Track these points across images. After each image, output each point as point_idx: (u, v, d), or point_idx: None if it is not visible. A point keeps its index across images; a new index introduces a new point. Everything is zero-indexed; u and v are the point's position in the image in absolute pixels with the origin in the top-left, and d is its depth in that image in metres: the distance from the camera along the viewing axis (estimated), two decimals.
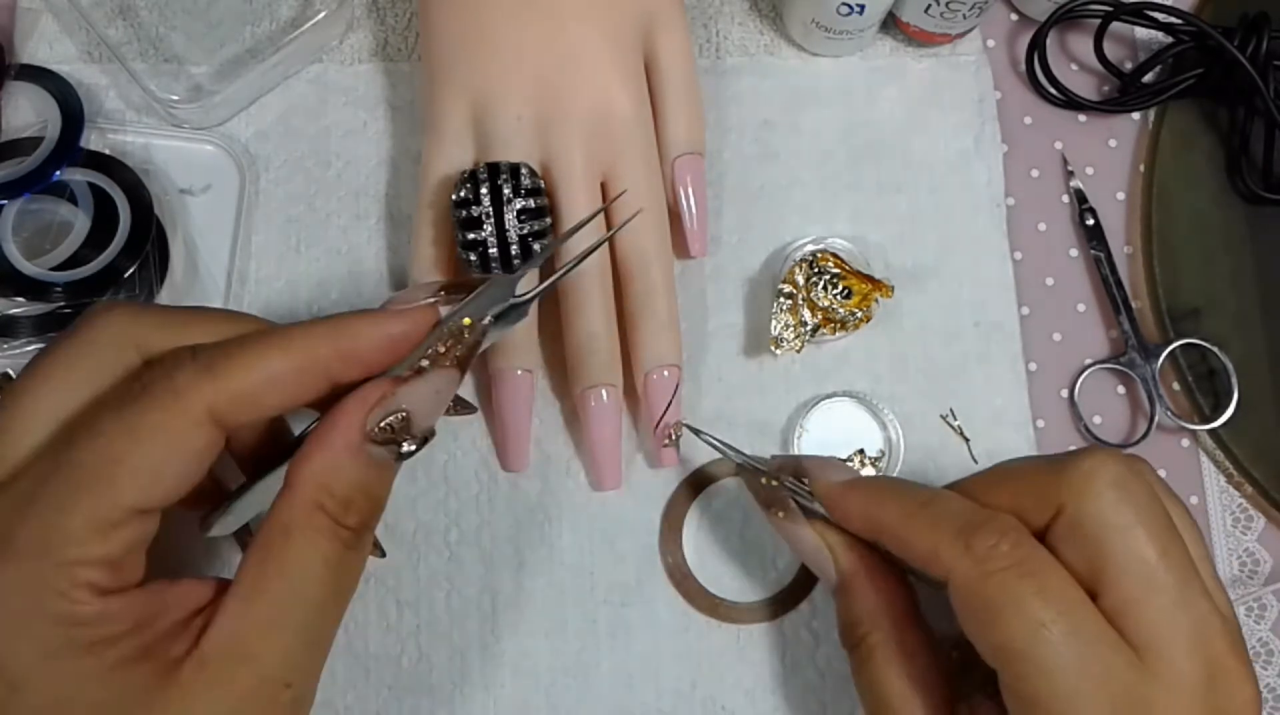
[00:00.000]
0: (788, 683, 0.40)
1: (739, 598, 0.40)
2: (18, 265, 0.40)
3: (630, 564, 0.40)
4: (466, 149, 0.37)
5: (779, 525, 0.32)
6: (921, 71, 0.46)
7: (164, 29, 0.44)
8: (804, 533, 0.31)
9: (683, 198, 0.39)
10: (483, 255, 0.34)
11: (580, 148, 0.36)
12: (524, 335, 0.37)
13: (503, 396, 0.37)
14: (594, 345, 0.37)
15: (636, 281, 0.37)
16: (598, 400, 0.37)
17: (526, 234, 0.35)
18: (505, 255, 0.34)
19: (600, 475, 0.38)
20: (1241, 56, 0.42)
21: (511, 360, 0.37)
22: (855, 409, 0.42)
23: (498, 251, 0.34)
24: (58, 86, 0.42)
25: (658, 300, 0.37)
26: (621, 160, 0.37)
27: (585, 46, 0.36)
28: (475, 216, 0.34)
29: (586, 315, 0.37)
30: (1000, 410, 0.43)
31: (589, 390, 0.37)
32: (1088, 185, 0.45)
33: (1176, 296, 0.44)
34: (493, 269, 0.35)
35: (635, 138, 0.37)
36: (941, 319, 0.43)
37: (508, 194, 0.34)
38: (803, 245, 0.42)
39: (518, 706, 0.39)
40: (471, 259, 0.35)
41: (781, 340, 0.41)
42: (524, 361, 0.37)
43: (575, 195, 0.36)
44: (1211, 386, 0.43)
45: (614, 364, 0.37)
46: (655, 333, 0.37)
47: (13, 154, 0.41)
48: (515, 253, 0.35)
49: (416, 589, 0.40)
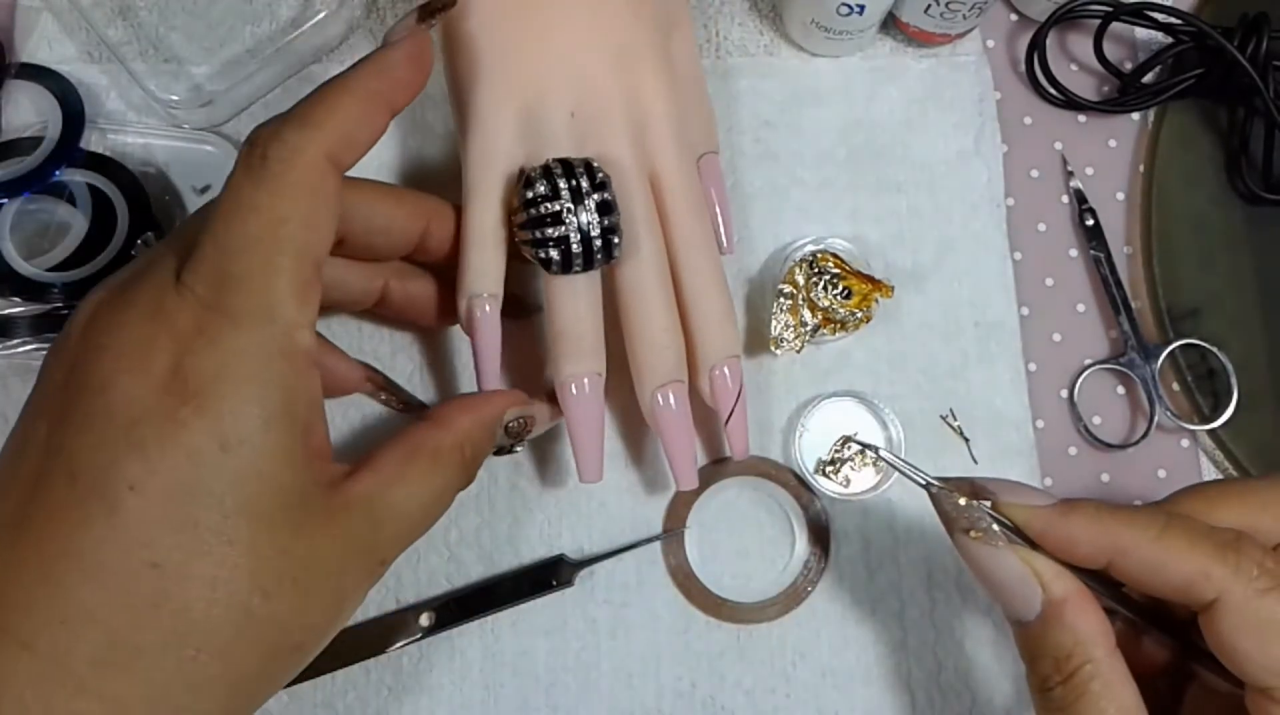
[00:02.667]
0: (788, 683, 0.40)
1: (740, 598, 0.40)
2: (15, 265, 0.40)
3: (630, 564, 0.40)
4: (517, 146, 0.36)
5: (971, 550, 0.29)
6: (921, 71, 0.46)
7: (164, 29, 0.44)
8: (1006, 557, 0.29)
9: (711, 198, 0.39)
10: (565, 252, 0.34)
11: (629, 146, 0.36)
12: (593, 338, 0.36)
13: (571, 405, 0.36)
14: (665, 341, 0.36)
15: (690, 277, 0.37)
16: (666, 399, 0.36)
17: (605, 229, 0.34)
18: (588, 251, 0.34)
19: (679, 474, 0.37)
20: (1241, 57, 0.42)
21: (580, 366, 0.36)
22: (856, 408, 0.42)
23: (580, 247, 0.34)
24: (59, 86, 0.42)
25: (713, 294, 0.37)
26: (665, 158, 0.37)
27: (633, 46, 0.37)
28: (555, 212, 0.33)
29: (652, 313, 0.36)
30: (1000, 410, 0.43)
31: (660, 389, 0.36)
32: (1087, 185, 0.45)
33: (1176, 296, 0.44)
34: (574, 266, 0.34)
35: (676, 136, 0.37)
36: (941, 319, 0.43)
37: (586, 188, 0.34)
38: (802, 245, 0.42)
39: (518, 706, 0.39)
40: (552, 257, 0.34)
41: (781, 340, 0.41)
42: (594, 365, 0.36)
43: (632, 192, 0.36)
44: (1211, 386, 0.43)
45: (683, 361, 0.37)
46: (715, 327, 0.37)
47: (12, 153, 0.41)
48: (598, 247, 0.34)
49: (417, 589, 0.40)
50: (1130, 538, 0.28)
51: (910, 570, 0.41)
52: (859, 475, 0.41)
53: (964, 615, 0.40)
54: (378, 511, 0.29)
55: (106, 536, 0.24)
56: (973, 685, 0.40)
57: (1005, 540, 0.29)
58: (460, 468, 0.32)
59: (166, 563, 0.24)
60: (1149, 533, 0.28)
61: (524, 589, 0.40)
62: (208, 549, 0.25)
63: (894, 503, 0.41)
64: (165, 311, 0.26)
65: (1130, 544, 0.28)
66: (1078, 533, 0.28)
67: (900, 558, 0.41)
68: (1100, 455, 0.43)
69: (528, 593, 0.40)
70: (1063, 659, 0.28)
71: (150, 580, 0.24)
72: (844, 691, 0.40)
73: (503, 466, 0.41)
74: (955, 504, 0.30)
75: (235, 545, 0.25)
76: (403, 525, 0.30)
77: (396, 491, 0.29)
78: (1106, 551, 0.28)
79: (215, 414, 0.25)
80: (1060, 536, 0.29)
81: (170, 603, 0.24)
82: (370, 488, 0.29)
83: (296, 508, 0.26)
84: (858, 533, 0.41)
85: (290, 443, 0.26)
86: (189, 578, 0.25)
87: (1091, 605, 0.29)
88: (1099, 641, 0.28)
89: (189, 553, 0.25)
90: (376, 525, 0.29)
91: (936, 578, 0.41)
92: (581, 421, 0.36)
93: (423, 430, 0.31)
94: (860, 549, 0.41)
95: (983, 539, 0.29)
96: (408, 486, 0.30)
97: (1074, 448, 0.43)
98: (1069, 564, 0.29)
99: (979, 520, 0.29)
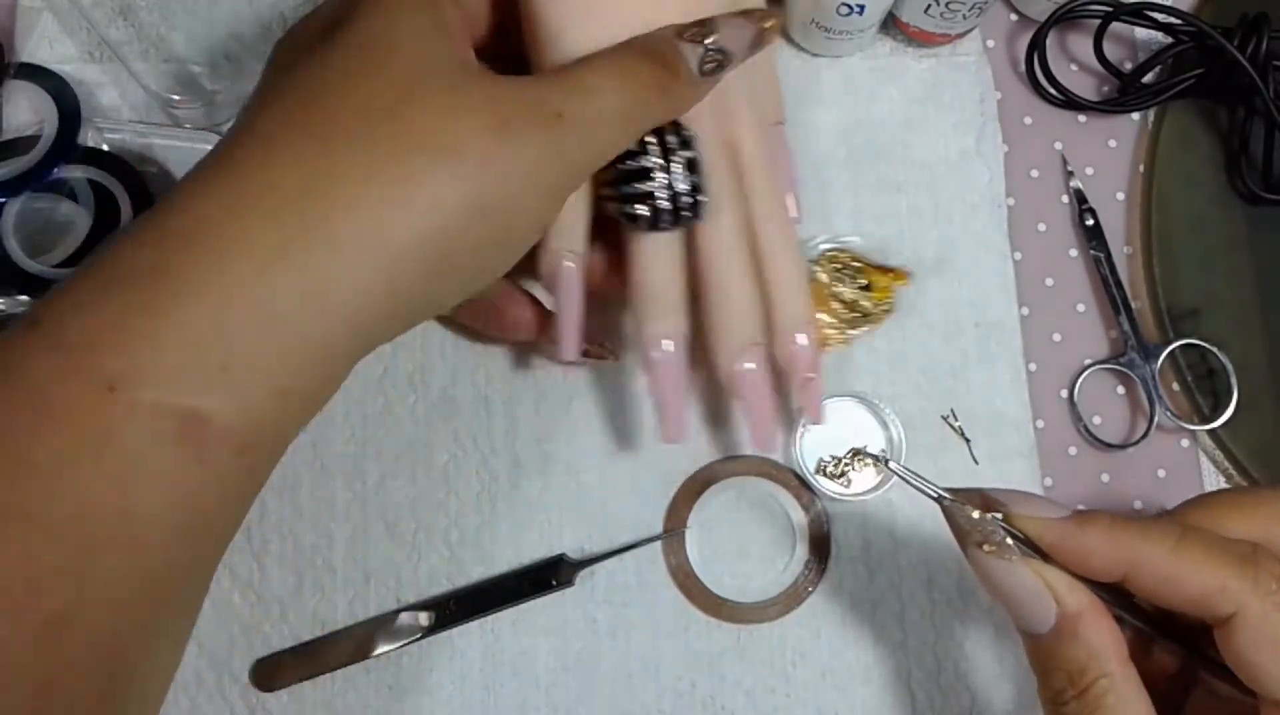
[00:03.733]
0: (788, 683, 0.40)
1: (740, 598, 0.40)
2: (19, 263, 0.40)
3: (631, 564, 0.40)
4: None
5: (984, 564, 0.29)
6: (922, 71, 0.46)
7: (165, 28, 0.44)
8: (1020, 571, 0.28)
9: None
10: (653, 209, 0.33)
11: (708, 112, 0.35)
12: (677, 298, 0.36)
13: (656, 364, 0.36)
14: (746, 305, 0.36)
15: (768, 243, 0.36)
16: (748, 362, 0.36)
17: (693, 187, 0.33)
18: (676, 206, 0.33)
19: (759, 436, 0.37)
20: (1241, 57, 0.42)
21: (665, 325, 0.35)
22: (857, 408, 0.42)
23: (670, 203, 0.33)
24: (54, 84, 0.42)
25: (788, 262, 0.36)
26: (740, 125, 0.36)
27: (705, 12, 0.35)
28: (644, 168, 0.33)
29: (734, 276, 0.36)
30: (1000, 410, 0.43)
31: (742, 352, 0.36)
32: (1087, 185, 0.45)
33: (1176, 296, 0.44)
34: (662, 223, 0.34)
35: (752, 104, 0.36)
36: (941, 319, 0.43)
37: (673, 144, 0.33)
38: (816, 245, 0.43)
39: (518, 706, 0.39)
40: (640, 213, 0.33)
41: (827, 338, 0.41)
42: (680, 325, 0.36)
43: (714, 157, 0.35)
44: (1211, 386, 0.43)
45: (762, 325, 0.36)
46: (792, 294, 0.36)
47: (13, 152, 0.41)
48: (685, 205, 0.33)
49: (417, 589, 0.40)
50: (1146, 550, 0.27)
51: (910, 571, 0.41)
52: (860, 476, 0.41)
53: (964, 616, 0.41)
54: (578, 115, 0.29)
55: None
56: (973, 685, 0.40)
57: (1019, 554, 0.28)
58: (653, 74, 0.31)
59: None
60: (1165, 545, 0.27)
61: (524, 589, 0.40)
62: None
63: (894, 504, 0.41)
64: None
65: (1146, 556, 0.27)
66: (1093, 545, 0.28)
67: (900, 559, 0.41)
68: (1100, 455, 0.43)
69: (528, 593, 0.40)
70: (1077, 673, 0.28)
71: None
72: (844, 691, 0.40)
73: (503, 466, 0.41)
74: (968, 517, 0.29)
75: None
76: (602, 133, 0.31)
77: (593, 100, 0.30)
78: (1122, 564, 0.28)
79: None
80: (1075, 549, 0.28)
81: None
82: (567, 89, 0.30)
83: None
84: (858, 533, 0.41)
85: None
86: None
87: (1105, 618, 0.28)
88: (1113, 655, 0.28)
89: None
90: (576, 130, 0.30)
91: (937, 579, 0.41)
92: (666, 380, 0.36)
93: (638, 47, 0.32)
94: (860, 550, 0.41)
95: (996, 553, 0.29)
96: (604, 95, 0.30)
97: (1074, 448, 0.43)
98: (1082, 577, 0.28)
99: (992, 533, 0.29)
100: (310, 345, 0.26)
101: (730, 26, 0.33)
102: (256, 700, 0.39)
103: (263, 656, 0.39)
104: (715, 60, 0.32)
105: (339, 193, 0.26)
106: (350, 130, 0.26)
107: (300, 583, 0.40)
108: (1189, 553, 0.27)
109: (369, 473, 0.41)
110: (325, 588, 0.40)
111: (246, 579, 0.40)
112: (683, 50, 0.32)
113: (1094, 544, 0.28)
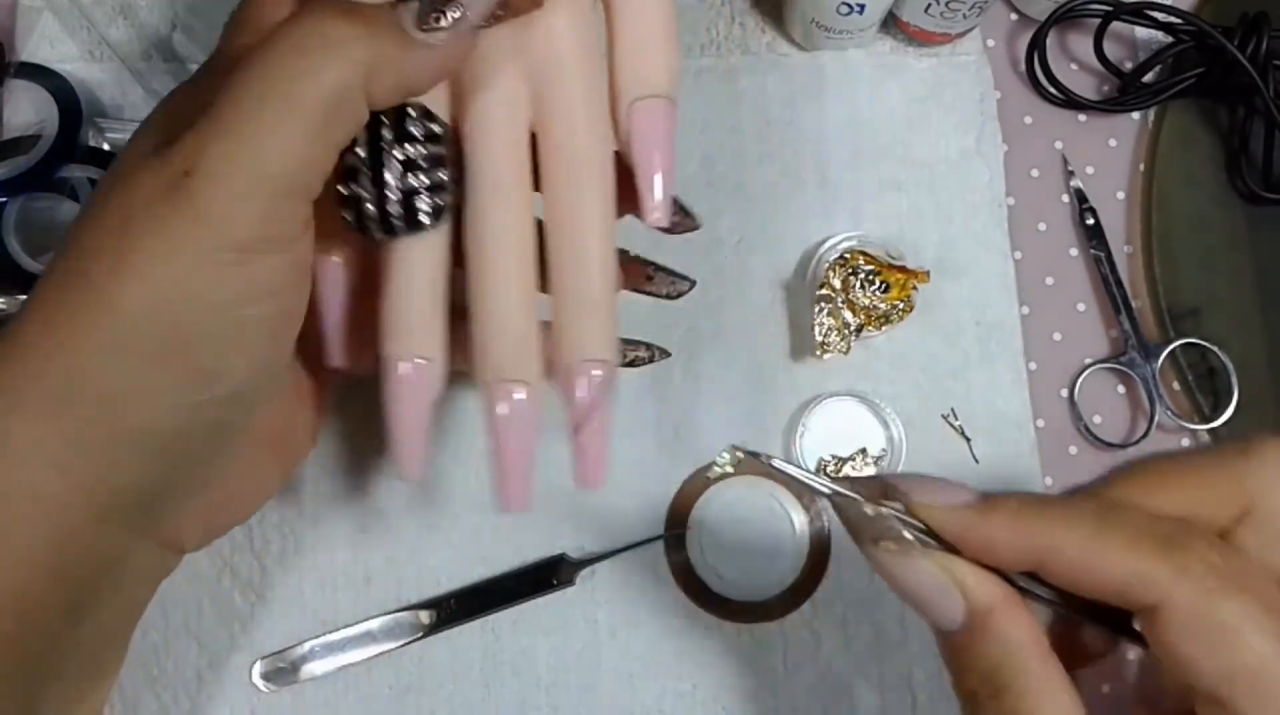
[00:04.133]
0: (788, 683, 0.40)
1: (741, 597, 0.40)
2: (20, 262, 0.40)
3: (631, 563, 0.40)
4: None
5: (882, 561, 0.26)
6: (922, 71, 0.46)
7: (165, 28, 0.44)
8: (923, 567, 0.26)
9: (638, 154, 0.29)
10: (358, 214, 0.27)
11: (501, 83, 0.28)
12: (427, 317, 0.30)
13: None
14: (504, 327, 0.29)
15: (565, 251, 0.29)
16: (507, 396, 0.29)
17: (413, 189, 0.28)
18: (384, 214, 0.27)
19: (505, 490, 0.30)
20: (1241, 56, 0.42)
21: (399, 346, 0.30)
22: (857, 408, 0.42)
23: (375, 209, 0.27)
24: (55, 84, 0.42)
25: (591, 278, 0.29)
26: (555, 101, 0.29)
27: None
28: (350, 165, 0.27)
29: (495, 288, 0.29)
30: (1000, 410, 0.43)
31: (497, 386, 0.29)
32: (1088, 185, 0.45)
33: (1176, 296, 0.44)
34: (371, 231, 0.28)
35: (574, 71, 0.29)
36: (942, 318, 0.43)
37: (387, 139, 0.27)
38: (835, 246, 0.42)
39: (518, 706, 0.39)
40: (348, 218, 0.28)
41: (827, 344, 0.41)
42: (417, 347, 0.30)
43: (492, 146, 0.28)
44: (1211, 386, 0.43)
45: (529, 353, 0.30)
46: (585, 317, 0.30)
47: (14, 152, 0.41)
48: (397, 213, 0.27)
49: (417, 589, 0.40)
50: (1060, 537, 0.25)
51: None
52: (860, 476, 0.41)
53: None
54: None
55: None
56: None
57: (918, 548, 0.26)
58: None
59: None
60: (1081, 530, 0.25)
61: (524, 588, 0.40)
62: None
63: None
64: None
65: (1059, 544, 0.25)
66: (998, 534, 0.25)
67: None
68: (1101, 455, 0.43)
69: (528, 592, 0.39)
70: (992, 671, 0.26)
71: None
72: (844, 691, 0.40)
73: None
74: (861, 513, 0.27)
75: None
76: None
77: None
78: (1032, 554, 0.25)
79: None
80: (980, 539, 0.26)
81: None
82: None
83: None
84: None
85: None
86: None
87: (1021, 611, 0.26)
88: (1030, 650, 0.25)
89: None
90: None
91: None
92: (398, 408, 0.30)
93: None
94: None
95: (895, 551, 0.26)
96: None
97: (1074, 447, 0.43)
98: (996, 566, 0.26)
99: (888, 529, 0.26)
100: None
101: None
102: (257, 700, 0.39)
103: (263, 656, 0.39)
104: (438, 10, 0.25)
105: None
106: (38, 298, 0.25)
107: (300, 582, 0.40)
108: (1109, 538, 0.24)
109: (369, 471, 0.41)
110: (325, 587, 0.40)
111: (247, 578, 0.40)
112: (394, 10, 0.25)
113: (999, 532, 0.25)
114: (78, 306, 0.24)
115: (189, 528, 0.30)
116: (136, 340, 0.24)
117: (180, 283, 0.24)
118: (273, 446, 0.32)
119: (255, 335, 0.26)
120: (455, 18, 0.25)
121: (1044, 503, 0.26)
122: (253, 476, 0.32)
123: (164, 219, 0.23)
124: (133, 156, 0.25)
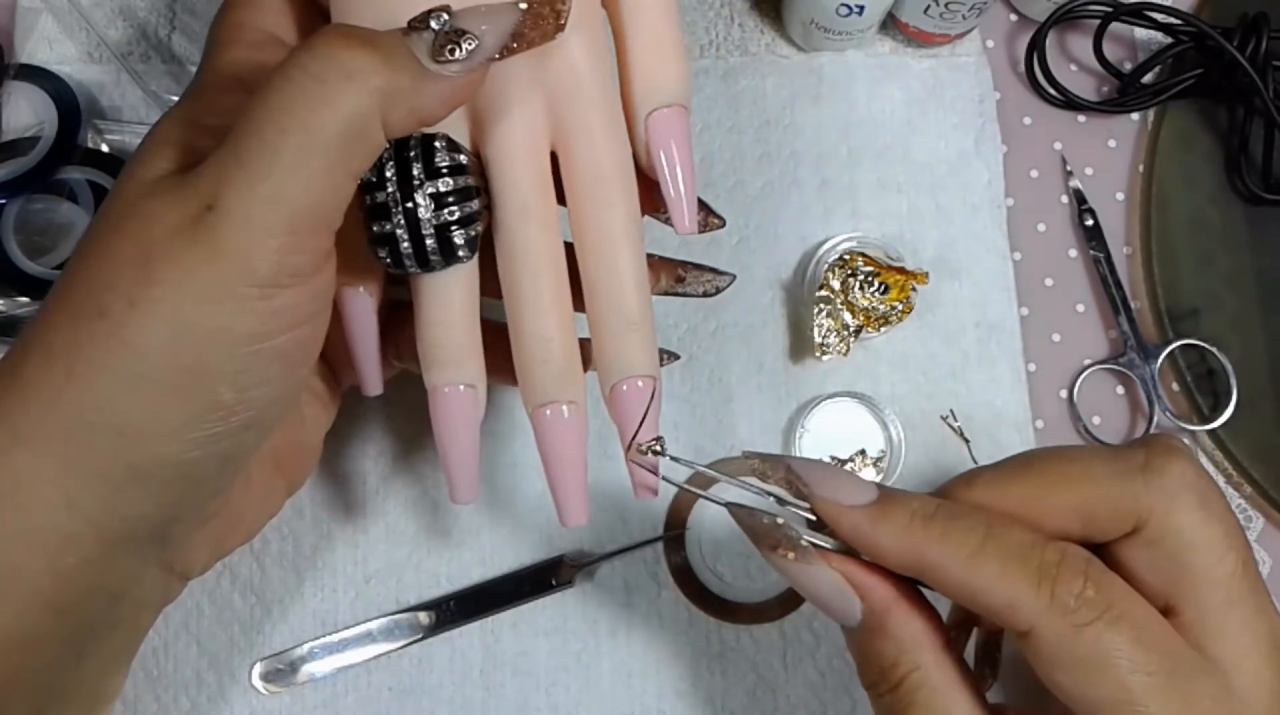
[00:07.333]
0: (788, 683, 0.40)
1: (741, 598, 0.40)
2: (20, 264, 0.40)
3: (631, 564, 0.40)
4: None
5: (781, 566, 0.27)
6: (921, 72, 0.46)
7: (164, 29, 0.44)
8: (820, 573, 0.27)
9: (661, 163, 0.30)
10: (394, 252, 0.27)
11: (520, 107, 0.28)
12: (468, 344, 0.30)
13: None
14: (547, 353, 0.29)
15: (598, 270, 0.29)
16: (556, 417, 0.30)
17: (447, 223, 0.27)
18: (420, 250, 0.27)
19: (565, 506, 0.31)
20: (1241, 56, 0.42)
21: (447, 374, 0.30)
22: (857, 409, 0.42)
23: (410, 246, 0.27)
24: (54, 86, 0.42)
25: (626, 295, 0.29)
26: (574, 121, 0.29)
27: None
28: (380, 203, 0.27)
29: (534, 314, 0.29)
30: (1000, 410, 0.43)
31: (541, 408, 0.30)
32: (1087, 185, 0.45)
33: (1175, 297, 0.44)
34: (407, 267, 0.28)
35: (591, 90, 0.29)
36: (941, 319, 0.43)
37: (418, 174, 0.27)
38: (834, 247, 0.42)
39: (518, 706, 0.39)
40: (382, 256, 0.28)
41: (826, 346, 0.41)
42: (459, 375, 0.30)
43: (516, 170, 0.28)
44: (1210, 387, 0.43)
45: (572, 374, 0.30)
46: (624, 334, 0.30)
47: (13, 154, 0.41)
48: (432, 247, 0.27)
49: (417, 589, 0.40)
50: (940, 555, 0.25)
51: None
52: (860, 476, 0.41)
53: None
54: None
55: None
56: None
57: (814, 555, 0.27)
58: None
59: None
60: (961, 552, 0.25)
61: (524, 589, 0.40)
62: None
63: None
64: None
65: (941, 561, 0.25)
66: (884, 542, 0.26)
67: None
68: None
69: (528, 593, 0.40)
70: (889, 667, 0.26)
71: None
72: (844, 691, 0.40)
73: (502, 467, 0.41)
74: (759, 522, 0.27)
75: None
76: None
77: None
78: (916, 567, 0.26)
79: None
80: (868, 546, 0.26)
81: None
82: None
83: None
84: None
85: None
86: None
87: (914, 610, 0.27)
88: (925, 646, 0.26)
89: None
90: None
91: None
92: (448, 433, 0.30)
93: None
94: None
95: (795, 558, 0.27)
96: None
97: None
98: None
99: (784, 538, 0.27)
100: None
101: (476, 10, 0.25)
102: (257, 700, 0.39)
103: (263, 657, 0.39)
104: (452, 42, 0.25)
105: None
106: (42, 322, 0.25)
107: (300, 583, 0.40)
108: (984, 562, 0.25)
109: (369, 473, 0.41)
110: (325, 588, 0.40)
111: (247, 579, 0.40)
112: (407, 40, 0.24)
113: (885, 541, 0.26)
114: (92, 339, 0.24)
115: (197, 553, 0.29)
116: (154, 374, 0.24)
117: (202, 319, 0.23)
118: (280, 465, 0.32)
119: (275, 367, 0.25)
120: (469, 49, 0.25)
121: (934, 516, 0.26)
122: (261, 497, 0.32)
123: (186, 254, 0.23)
124: (141, 182, 0.25)
